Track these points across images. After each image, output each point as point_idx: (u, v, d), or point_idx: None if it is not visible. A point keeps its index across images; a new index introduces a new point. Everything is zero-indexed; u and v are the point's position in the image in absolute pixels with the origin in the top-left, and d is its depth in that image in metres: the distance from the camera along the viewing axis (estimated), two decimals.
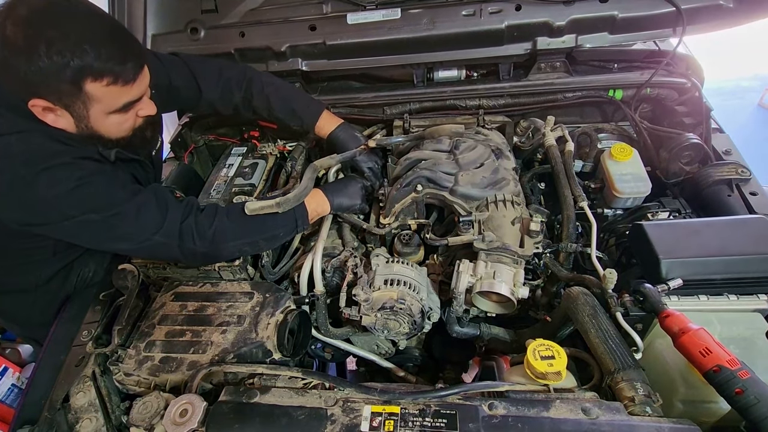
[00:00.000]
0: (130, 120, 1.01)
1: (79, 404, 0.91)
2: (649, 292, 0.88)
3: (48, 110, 0.90)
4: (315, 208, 1.17)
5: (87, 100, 0.90)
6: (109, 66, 0.87)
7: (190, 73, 1.33)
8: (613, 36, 1.39)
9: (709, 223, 1.05)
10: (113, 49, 0.88)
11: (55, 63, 0.83)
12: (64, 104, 0.90)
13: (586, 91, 1.45)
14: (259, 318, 1.01)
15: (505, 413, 0.75)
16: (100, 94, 0.90)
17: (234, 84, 1.35)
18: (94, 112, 0.93)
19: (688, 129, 1.35)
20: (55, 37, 0.83)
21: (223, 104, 1.38)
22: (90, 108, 0.92)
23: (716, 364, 0.73)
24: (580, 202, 1.17)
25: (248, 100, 1.36)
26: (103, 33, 0.89)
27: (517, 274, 1.02)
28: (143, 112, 1.03)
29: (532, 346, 0.85)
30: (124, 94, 0.93)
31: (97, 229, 0.96)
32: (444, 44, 1.46)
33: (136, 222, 0.96)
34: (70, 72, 0.84)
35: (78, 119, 0.93)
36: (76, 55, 0.84)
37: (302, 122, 1.36)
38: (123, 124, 1.01)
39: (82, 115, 0.93)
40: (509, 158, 1.30)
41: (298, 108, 1.36)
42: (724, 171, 1.22)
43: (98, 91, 0.89)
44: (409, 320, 1.04)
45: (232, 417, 0.79)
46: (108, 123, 0.97)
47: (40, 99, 0.88)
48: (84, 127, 0.95)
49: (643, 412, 0.74)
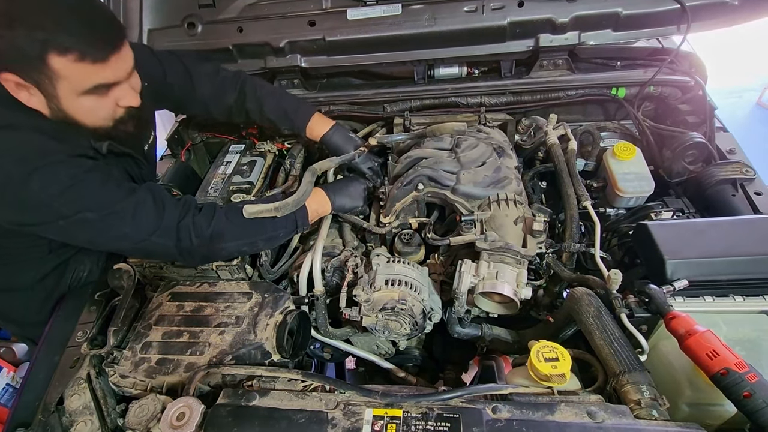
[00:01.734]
0: (107, 107, 0.96)
1: (74, 407, 0.89)
2: (654, 293, 0.87)
3: (20, 87, 0.87)
4: (316, 209, 1.15)
5: (53, 76, 0.85)
6: (75, 41, 0.83)
7: (185, 70, 1.30)
8: (617, 33, 1.38)
9: (714, 223, 1.04)
10: (83, 25, 0.84)
11: (21, 34, 0.80)
12: (34, 80, 0.86)
13: (589, 89, 1.44)
14: (257, 319, 0.99)
15: (510, 417, 0.74)
16: (67, 70, 0.85)
17: (228, 84, 1.33)
18: (62, 91, 0.88)
19: (692, 128, 1.34)
20: (24, 6, 0.81)
21: (216, 104, 1.35)
22: (57, 85, 0.87)
23: (724, 367, 0.72)
24: (584, 202, 1.16)
25: (241, 102, 1.33)
26: (75, 6, 0.85)
27: (520, 274, 1.00)
28: (123, 101, 0.97)
29: (535, 348, 0.84)
30: (93, 73, 0.88)
31: (93, 229, 0.93)
32: (445, 41, 1.44)
33: (133, 221, 0.93)
34: (36, 44, 0.81)
35: (48, 98, 0.89)
36: (42, 27, 0.81)
37: (293, 124, 1.33)
38: (98, 111, 0.95)
39: (52, 93, 0.88)
40: (511, 157, 1.29)
41: (289, 110, 1.34)
42: (728, 170, 1.21)
43: (64, 67, 0.84)
44: (410, 321, 1.02)
45: (231, 420, 0.77)
46: (80, 106, 0.92)
47: (9, 73, 0.85)
48: (56, 108, 0.91)
49: (650, 416, 0.73)
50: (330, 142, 1.33)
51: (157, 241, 0.96)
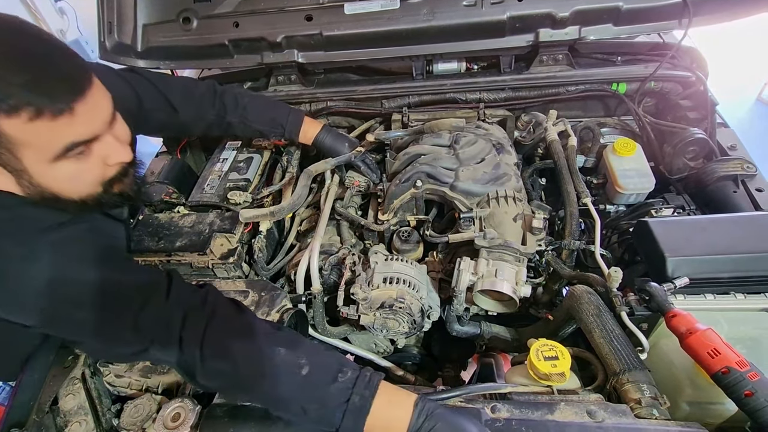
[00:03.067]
0: (93, 170, 0.76)
1: (68, 407, 0.88)
2: (655, 291, 0.86)
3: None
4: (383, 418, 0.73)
5: (11, 146, 0.67)
6: (24, 94, 0.64)
7: (159, 93, 1.17)
8: (618, 28, 1.36)
9: (715, 220, 1.02)
10: (30, 73, 0.65)
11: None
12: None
13: (589, 84, 1.42)
14: None
15: (509, 416, 0.73)
16: (24, 134, 0.66)
17: (206, 100, 1.22)
18: (29, 162, 0.69)
19: (693, 123, 1.32)
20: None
21: (197, 123, 1.26)
22: (20, 156, 0.68)
23: (725, 366, 0.71)
24: (584, 199, 1.15)
25: (221, 117, 1.24)
26: (16, 53, 0.66)
27: (519, 272, 0.99)
28: (112, 159, 0.77)
29: (535, 347, 0.83)
30: (60, 131, 0.68)
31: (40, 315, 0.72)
32: (444, 35, 1.43)
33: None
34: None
35: (16, 174, 0.71)
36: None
37: (284, 130, 1.29)
38: (83, 176, 0.75)
39: (18, 167, 0.70)
40: (510, 153, 1.27)
41: (278, 116, 1.28)
42: (729, 166, 1.20)
43: (19, 131, 0.66)
44: (408, 319, 1.01)
45: (227, 421, 0.77)
46: (57, 175, 0.72)
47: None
48: (28, 184, 0.72)
49: (650, 415, 0.72)
50: (323, 144, 1.31)
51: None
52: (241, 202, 1.26)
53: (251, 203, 1.28)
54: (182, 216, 1.26)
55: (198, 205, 1.30)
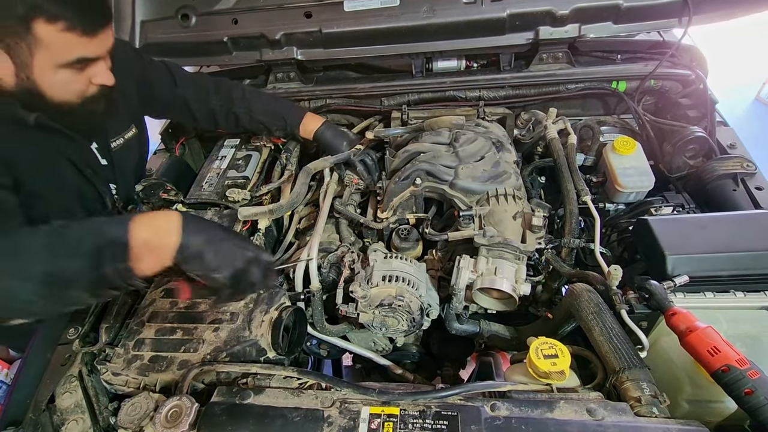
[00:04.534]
0: (80, 83, 0.89)
1: (65, 405, 0.87)
2: (654, 289, 0.86)
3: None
4: (146, 237, 0.73)
5: (34, 44, 0.79)
6: (68, 9, 0.78)
7: (167, 70, 1.28)
8: (618, 26, 1.36)
9: (715, 218, 1.02)
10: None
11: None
12: (6, 44, 0.79)
13: (589, 82, 1.42)
14: (252, 315, 0.97)
15: (508, 414, 0.73)
16: (52, 39, 0.79)
17: (211, 87, 1.31)
18: (39, 61, 0.81)
19: (692, 122, 1.32)
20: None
21: (200, 107, 1.32)
22: (35, 53, 0.80)
23: (725, 364, 0.71)
24: (583, 197, 1.15)
25: (228, 107, 1.31)
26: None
27: (518, 270, 0.99)
28: (98, 78, 0.90)
29: (534, 345, 0.83)
30: (80, 46, 0.82)
31: None
32: (444, 33, 1.42)
33: None
34: (23, 6, 0.75)
35: (20, 67, 0.81)
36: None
37: (285, 123, 1.33)
38: (70, 86, 0.88)
39: (26, 62, 0.81)
40: (510, 151, 1.27)
41: (280, 110, 1.34)
42: (729, 165, 1.20)
43: (50, 35, 0.78)
44: (407, 317, 1.01)
45: (225, 419, 0.76)
46: (53, 79, 0.85)
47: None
48: (24, 77, 0.83)
49: (650, 413, 0.71)
50: (322, 137, 1.33)
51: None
52: (239, 200, 1.25)
53: (250, 201, 1.27)
54: None
55: (196, 202, 1.30)
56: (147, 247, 0.73)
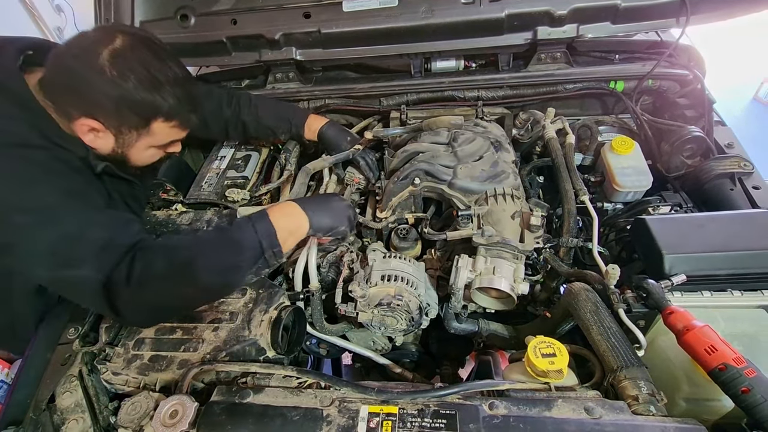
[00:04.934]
0: (159, 155, 1.04)
1: (66, 405, 0.87)
2: (652, 288, 0.86)
3: (94, 131, 0.89)
4: (287, 227, 0.93)
5: (145, 134, 0.93)
6: (182, 111, 0.93)
7: None
8: (616, 26, 1.36)
9: (712, 217, 1.03)
10: (188, 97, 0.94)
11: (139, 95, 0.86)
12: (118, 130, 0.91)
13: (587, 82, 1.43)
14: (252, 315, 0.97)
15: (507, 413, 0.73)
16: (159, 131, 0.94)
17: (224, 99, 1.36)
18: (140, 144, 0.95)
19: (690, 122, 1.32)
20: (145, 74, 0.87)
21: (215, 120, 1.36)
22: (141, 140, 0.94)
23: (722, 362, 0.71)
24: (581, 196, 1.15)
25: (236, 115, 1.36)
26: (183, 79, 0.93)
27: (517, 269, 0.99)
28: (172, 149, 1.06)
29: (532, 344, 0.83)
30: (176, 135, 0.98)
31: (20, 237, 0.79)
32: (442, 33, 1.42)
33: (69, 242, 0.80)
34: (148, 107, 0.88)
35: (120, 145, 0.94)
36: (160, 94, 0.88)
37: (291, 124, 1.36)
38: (154, 158, 1.03)
39: (128, 143, 0.94)
40: (509, 151, 1.27)
41: (285, 113, 1.38)
42: (726, 164, 1.20)
43: (161, 130, 0.93)
44: (406, 317, 1.01)
45: (225, 418, 0.76)
46: (144, 154, 0.99)
47: (94, 120, 0.87)
48: (120, 152, 0.96)
49: (648, 412, 0.72)
50: (326, 135, 1.34)
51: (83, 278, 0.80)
52: (239, 200, 1.26)
53: (249, 201, 1.27)
54: (180, 214, 1.25)
55: (196, 202, 1.30)
56: (288, 232, 0.93)
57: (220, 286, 0.90)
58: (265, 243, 0.89)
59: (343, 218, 1.03)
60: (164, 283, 0.85)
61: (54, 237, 0.80)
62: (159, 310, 0.90)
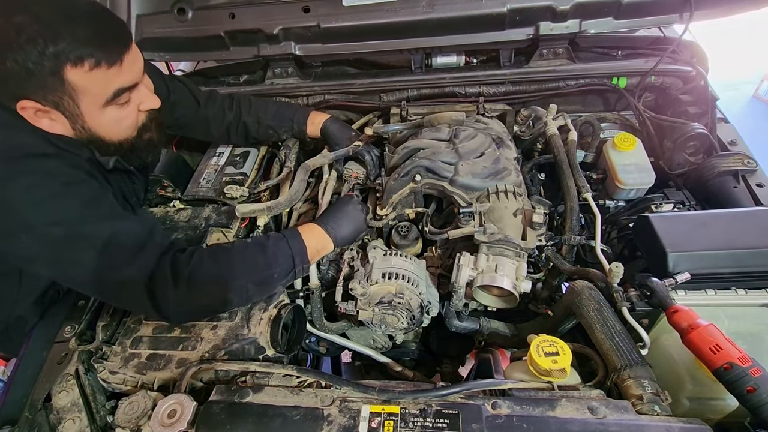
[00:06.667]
0: (131, 116, 0.92)
1: (62, 404, 0.86)
2: (656, 286, 0.85)
3: (40, 113, 0.83)
4: (316, 247, 1.01)
5: (73, 92, 0.81)
6: (87, 47, 0.79)
7: (186, 88, 1.29)
8: (618, 21, 1.35)
9: (716, 215, 1.02)
10: (90, 29, 0.80)
11: (29, 52, 0.75)
12: (53, 102, 0.82)
13: (589, 78, 1.41)
14: (251, 313, 0.96)
15: (510, 413, 0.72)
16: (85, 81, 0.81)
17: (226, 103, 1.34)
18: (86, 107, 0.84)
19: (693, 118, 1.32)
20: (24, 22, 0.75)
21: (217, 124, 1.34)
22: (80, 101, 0.83)
23: (727, 361, 0.71)
24: (584, 193, 1.14)
25: (238, 117, 1.33)
26: (78, 12, 0.80)
27: (519, 267, 0.98)
28: (145, 104, 0.94)
29: (535, 342, 0.82)
30: (112, 78, 0.84)
31: (55, 249, 0.81)
32: (443, 28, 1.41)
33: (105, 248, 0.81)
34: (47, 61, 0.76)
35: (72, 119, 0.85)
36: (50, 40, 0.76)
37: (292, 122, 1.35)
38: (124, 121, 0.92)
39: (75, 112, 0.84)
40: (510, 147, 1.26)
41: (286, 112, 1.36)
42: (729, 162, 1.19)
43: (82, 78, 0.80)
44: (407, 315, 1.00)
45: (224, 418, 0.75)
46: (105, 119, 0.88)
47: (27, 100, 0.81)
48: (81, 128, 0.87)
49: (652, 411, 0.71)
50: (329, 130, 1.33)
51: (126, 280, 0.83)
52: (237, 197, 1.24)
53: (248, 198, 1.26)
54: (178, 210, 1.24)
55: (194, 199, 1.29)
56: (316, 250, 1.02)
57: (254, 294, 0.94)
58: (297, 259, 0.96)
59: (361, 223, 1.12)
60: (210, 287, 0.88)
61: (91, 245, 0.81)
62: (201, 311, 0.93)
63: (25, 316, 1.06)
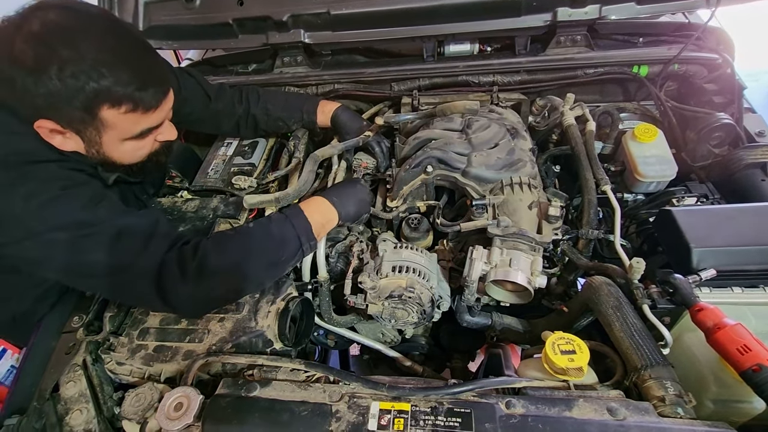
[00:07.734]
0: (147, 146, 0.94)
1: (69, 394, 0.86)
2: (679, 283, 0.82)
3: (55, 132, 0.82)
4: (320, 221, 0.99)
5: (101, 127, 0.82)
6: (128, 92, 0.79)
7: (197, 83, 1.27)
8: (641, 6, 1.29)
9: (743, 209, 0.97)
10: (134, 73, 0.80)
11: (68, 86, 0.75)
12: (75, 129, 0.82)
13: (609, 67, 1.36)
14: (259, 305, 0.95)
15: (524, 412, 0.69)
16: (117, 121, 0.82)
17: (236, 97, 1.31)
18: (107, 139, 0.85)
19: (718, 108, 1.26)
20: (69, 57, 0.75)
21: (227, 118, 1.32)
22: (103, 134, 0.84)
23: (756, 363, 0.67)
24: (603, 186, 1.10)
25: (247, 110, 1.31)
26: (124, 54, 0.80)
27: (534, 261, 0.95)
28: (163, 137, 0.95)
29: (551, 340, 0.79)
30: (143, 121, 0.86)
31: (60, 253, 0.80)
32: (456, 15, 1.36)
33: (110, 247, 0.80)
34: (84, 97, 0.77)
35: (89, 144, 0.86)
36: (92, 79, 0.76)
37: (302, 112, 1.32)
38: (139, 151, 0.93)
39: (94, 140, 0.85)
40: (525, 138, 1.22)
41: (296, 103, 1.34)
42: (757, 154, 1.14)
43: (114, 117, 0.81)
44: (418, 309, 0.98)
45: (230, 412, 0.74)
46: (122, 150, 0.89)
47: (47, 120, 0.79)
48: (95, 152, 0.88)
49: (675, 414, 0.68)
50: (339, 119, 1.30)
51: (134, 278, 0.82)
52: (245, 188, 1.22)
53: (256, 189, 1.24)
54: (185, 201, 1.22)
55: (201, 189, 1.27)
56: (321, 225, 0.99)
57: (265, 279, 0.94)
58: (303, 237, 0.94)
59: (366, 204, 1.11)
60: (220, 278, 0.86)
61: (96, 245, 0.80)
62: (212, 302, 0.91)
63: (33, 309, 1.05)
